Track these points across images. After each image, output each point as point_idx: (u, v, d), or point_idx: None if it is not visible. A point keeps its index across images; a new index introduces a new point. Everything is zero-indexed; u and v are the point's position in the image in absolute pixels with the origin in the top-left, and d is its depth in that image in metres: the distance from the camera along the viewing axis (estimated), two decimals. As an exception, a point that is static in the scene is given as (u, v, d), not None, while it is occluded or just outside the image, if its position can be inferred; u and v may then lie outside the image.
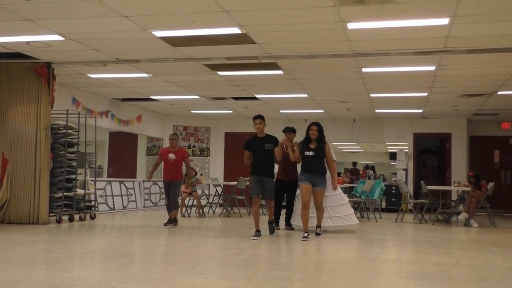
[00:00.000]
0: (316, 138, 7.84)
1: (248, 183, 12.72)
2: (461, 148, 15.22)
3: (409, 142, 15.75)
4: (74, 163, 9.84)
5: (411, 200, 12.44)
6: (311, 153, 7.84)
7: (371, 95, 11.70)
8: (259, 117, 7.94)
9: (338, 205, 8.70)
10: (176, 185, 9.51)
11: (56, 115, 9.60)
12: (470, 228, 10.40)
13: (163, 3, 6.08)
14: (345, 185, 13.05)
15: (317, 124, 7.94)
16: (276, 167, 10.47)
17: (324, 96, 12.08)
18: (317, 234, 8.01)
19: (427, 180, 13.71)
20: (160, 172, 16.00)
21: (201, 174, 10.75)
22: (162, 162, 9.63)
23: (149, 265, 5.14)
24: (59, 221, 9.26)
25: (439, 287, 4.37)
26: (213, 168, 16.41)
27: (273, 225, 8.15)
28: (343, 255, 6.46)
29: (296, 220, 8.86)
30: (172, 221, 9.46)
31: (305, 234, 7.60)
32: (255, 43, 7.71)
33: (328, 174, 8.79)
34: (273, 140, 7.90)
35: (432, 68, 9.02)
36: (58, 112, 9.55)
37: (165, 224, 9.44)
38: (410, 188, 14.54)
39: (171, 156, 9.43)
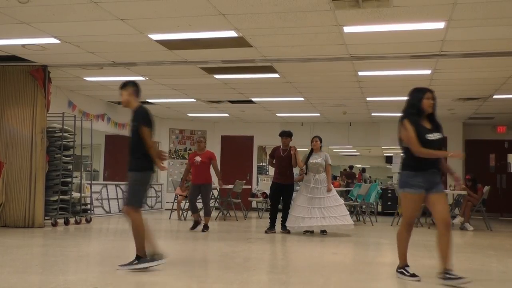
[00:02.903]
0: (432, 112, 5.04)
1: (243, 186, 12.85)
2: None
3: (405, 146, 15.74)
4: (70, 166, 9.81)
5: (407, 204, 12.42)
6: (435, 137, 4.94)
7: (367, 98, 11.73)
8: (123, 85, 5.32)
9: (332, 206, 8.73)
10: (206, 189, 9.34)
11: (52, 118, 9.57)
12: (465, 231, 10.42)
13: (160, 6, 6.09)
14: (341, 188, 13.06)
15: (432, 91, 4.99)
16: (272, 170, 10.51)
17: (320, 99, 12.09)
18: (449, 276, 4.56)
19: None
20: (155, 176, 16.03)
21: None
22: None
23: (145, 269, 5.12)
24: (54, 224, 9.22)
25: (435, 291, 4.37)
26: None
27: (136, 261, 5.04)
28: (339, 258, 6.46)
29: (292, 222, 8.86)
30: (204, 227, 9.18)
31: (408, 271, 4.85)
32: (252, 47, 7.72)
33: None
34: (137, 116, 5.17)
35: (428, 72, 9.05)
36: (54, 115, 9.53)
37: (191, 229, 9.26)
38: (406, 192, 14.51)
39: (197, 159, 9.38)
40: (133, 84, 5.35)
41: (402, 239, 4.92)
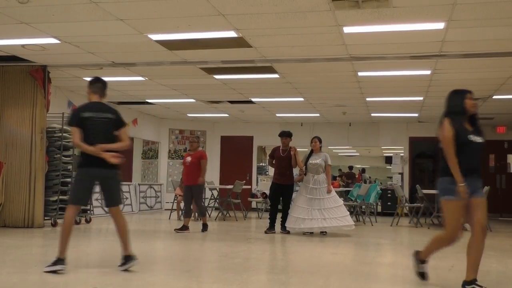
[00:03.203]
0: (474, 115, 4.68)
1: (243, 186, 12.85)
2: (456, 152, 15.20)
3: (405, 146, 15.78)
4: (70, 167, 9.80)
5: (406, 204, 12.46)
6: (477, 139, 4.46)
7: (367, 99, 11.73)
8: (88, 84, 5.46)
9: (332, 207, 8.73)
10: (196, 191, 9.15)
11: (52, 118, 9.57)
12: (465, 232, 10.41)
13: (160, 6, 6.09)
14: (341, 188, 13.07)
15: (471, 92, 4.76)
16: (272, 171, 10.50)
17: (320, 100, 12.10)
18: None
19: (422, 184, 13.73)
20: (155, 176, 16.04)
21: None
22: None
23: (145, 269, 5.12)
24: (54, 224, 9.22)
25: (435, 291, 4.36)
26: (209, 172, 16.31)
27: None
28: (338, 258, 6.46)
29: (292, 223, 8.86)
30: (203, 227, 9.13)
31: (422, 268, 4.78)
32: (251, 47, 7.72)
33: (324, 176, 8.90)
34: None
35: (428, 72, 9.05)
36: (53, 115, 9.53)
37: (176, 230, 9.00)
38: (405, 192, 14.55)
39: (188, 159, 9.24)
40: (95, 83, 5.48)
41: (437, 244, 4.70)
